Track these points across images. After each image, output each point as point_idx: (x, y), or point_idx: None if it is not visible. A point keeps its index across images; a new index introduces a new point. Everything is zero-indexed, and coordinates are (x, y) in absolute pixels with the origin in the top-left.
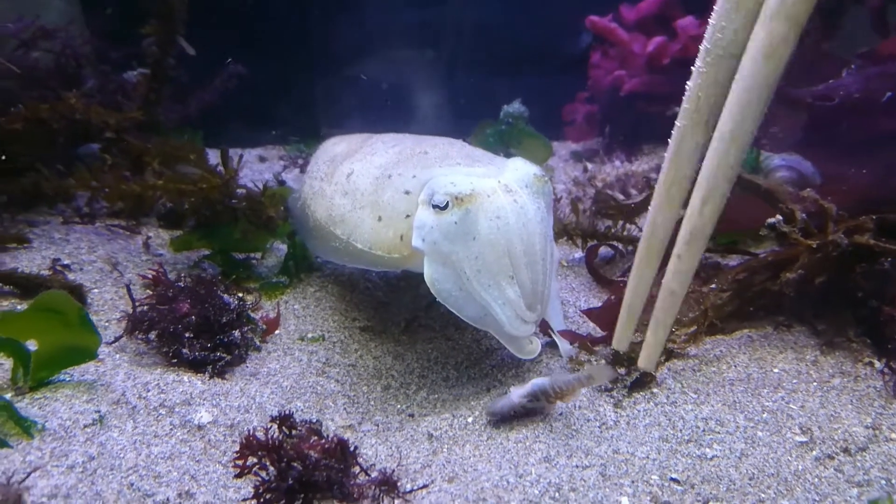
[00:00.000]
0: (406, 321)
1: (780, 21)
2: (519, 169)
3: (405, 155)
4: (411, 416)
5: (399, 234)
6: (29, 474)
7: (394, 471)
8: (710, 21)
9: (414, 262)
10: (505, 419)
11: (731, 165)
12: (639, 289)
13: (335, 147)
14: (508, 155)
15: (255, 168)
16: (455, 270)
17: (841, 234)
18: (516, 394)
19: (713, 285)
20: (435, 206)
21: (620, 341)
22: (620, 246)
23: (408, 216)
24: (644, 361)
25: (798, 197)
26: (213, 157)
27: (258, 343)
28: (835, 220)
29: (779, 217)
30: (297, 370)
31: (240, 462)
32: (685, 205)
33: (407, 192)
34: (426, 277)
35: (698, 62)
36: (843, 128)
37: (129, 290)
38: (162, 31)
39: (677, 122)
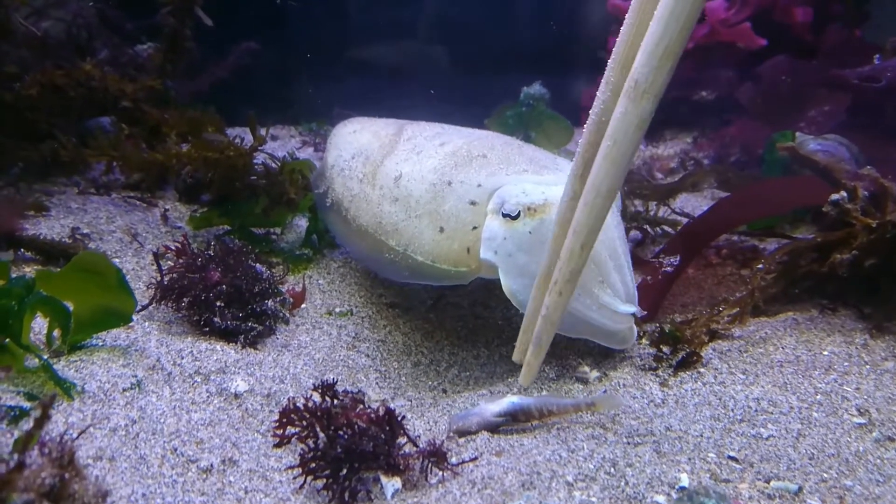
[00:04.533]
0: (433, 299)
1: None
2: None
3: (461, 157)
4: (444, 392)
5: (465, 246)
6: (81, 433)
7: (442, 442)
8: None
9: (483, 272)
10: (471, 434)
11: (603, 216)
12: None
13: (358, 137)
14: (527, 137)
15: (268, 146)
16: None
17: None
18: (489, 411)
19: (760, 266)
20: (506, 216)
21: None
22: (649, 228)
23: (475, 228)
24: (524, 379)
25: (856, 175)
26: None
27: (287, 315)
28: (894, 199)
29: (843, 193)
30: (328, 343)
31: (279, 432)
32: None
33: (473, 203)
34: (505, 290)
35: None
36: (889, 110)
37: (156, 257)
38: (180, 1)
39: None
